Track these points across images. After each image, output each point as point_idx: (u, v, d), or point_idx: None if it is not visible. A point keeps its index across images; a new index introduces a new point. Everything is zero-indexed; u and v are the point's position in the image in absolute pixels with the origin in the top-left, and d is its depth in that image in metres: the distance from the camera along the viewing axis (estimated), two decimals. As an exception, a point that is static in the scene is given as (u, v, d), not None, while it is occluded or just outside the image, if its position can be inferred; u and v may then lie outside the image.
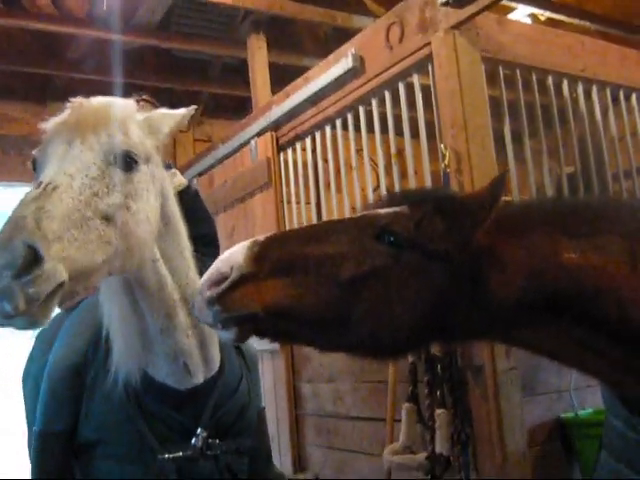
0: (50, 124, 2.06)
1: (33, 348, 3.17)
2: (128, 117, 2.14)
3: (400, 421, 3.43)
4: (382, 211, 1.68)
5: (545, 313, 1.67)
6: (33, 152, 2.05)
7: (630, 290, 1.60)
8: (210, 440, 2.45)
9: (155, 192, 2.19)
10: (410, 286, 1.59)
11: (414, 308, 1.59)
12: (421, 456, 3.31)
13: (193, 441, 2.41)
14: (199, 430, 2.42)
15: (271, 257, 1.51)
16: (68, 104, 2.12)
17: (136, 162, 2.05)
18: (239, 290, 1.46)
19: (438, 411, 3.30)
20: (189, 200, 3.25)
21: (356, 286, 1.55)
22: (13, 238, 1.62)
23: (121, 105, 2.20)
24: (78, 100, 2.14)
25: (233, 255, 1.48)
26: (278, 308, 1.49)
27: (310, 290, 1.53)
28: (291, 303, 1.51)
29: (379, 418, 3.88)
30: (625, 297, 1.60)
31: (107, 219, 1.91)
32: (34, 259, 1.61)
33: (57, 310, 2.10)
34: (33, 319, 1.68)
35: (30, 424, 2.75)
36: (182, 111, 2.33)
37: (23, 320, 1.66)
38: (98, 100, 2.17)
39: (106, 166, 1.97)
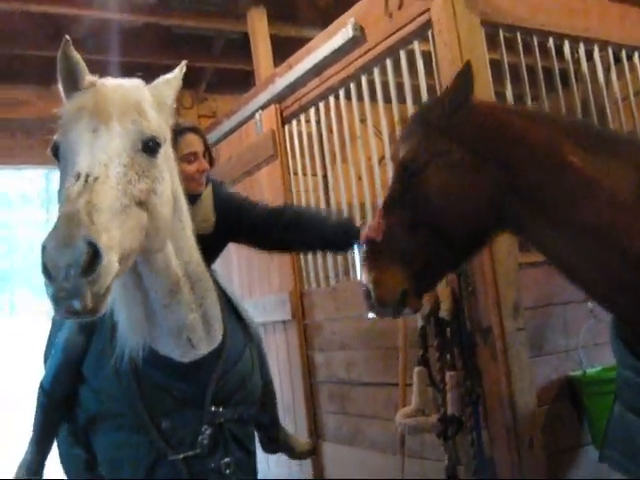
0: (67, 108, 2.05)
1: (52, 325, 3.24)
2: (143, 99, 2.16)
3: (412, 385, 3.49)
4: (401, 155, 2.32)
5: (548, 208, 1.98)
6: (55, 137, 2.04)
7: (628, 219, 1.73)
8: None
9: (170, 170, 2.24)
10: (458, 186, 2.14)
11: (468, 200, 2.13)
12: (433, 418, 3.38)
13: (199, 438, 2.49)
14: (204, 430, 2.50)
15: (380, 258, 2.26)
16: (82, 87, 2.10)
17: (159, 146, 2.09)
18: (382, 292, 2.21)
19: (449, 373, 3.35)
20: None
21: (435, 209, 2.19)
22: (73, 235, 1.64)
23: (135, 87, 2.21)
24: (90, 81, 2.13)
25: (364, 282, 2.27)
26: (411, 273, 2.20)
27: (410, 246, 2.21)
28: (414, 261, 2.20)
29: (391, 383, 3.94)
30: (623, 224, 1.73)
31: (140, 204, 1.95)
32: (94, 255, 1.65)
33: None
34: (95, 312, 1.72)
35: None
36: (173, 73, 2.40)
37: (88, 315, 1.70)
38: (110, 83, 2.17)
39: (134, 153, 2.00)
